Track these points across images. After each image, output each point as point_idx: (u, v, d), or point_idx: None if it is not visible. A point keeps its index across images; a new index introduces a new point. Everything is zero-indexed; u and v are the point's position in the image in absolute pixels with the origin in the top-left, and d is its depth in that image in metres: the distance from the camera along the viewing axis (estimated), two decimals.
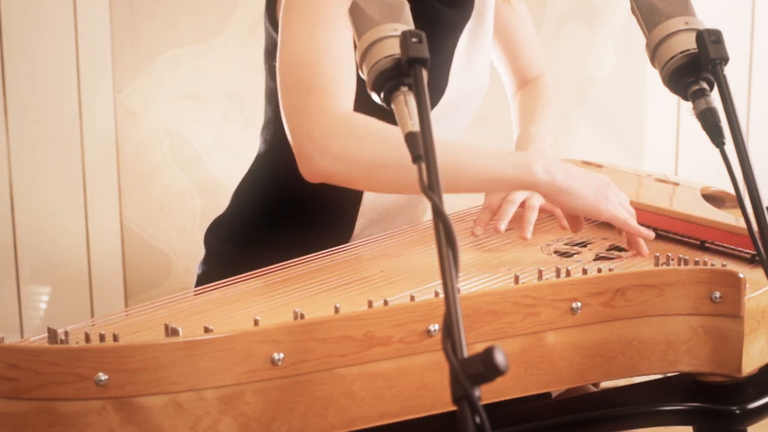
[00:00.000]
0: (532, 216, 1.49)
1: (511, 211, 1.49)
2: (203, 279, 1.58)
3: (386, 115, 1.27)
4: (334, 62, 1.39)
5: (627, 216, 1.42)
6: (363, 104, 1.39)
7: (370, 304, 1.18)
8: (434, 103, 1.55)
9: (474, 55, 1.62)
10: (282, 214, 1.57)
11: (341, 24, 1.40)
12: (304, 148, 1.35)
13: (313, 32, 1.40)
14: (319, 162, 1.34)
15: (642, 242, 1.44)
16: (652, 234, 1.45)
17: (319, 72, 1.38)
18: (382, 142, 1.34)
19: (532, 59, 1.79)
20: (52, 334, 1.11)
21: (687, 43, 1.22)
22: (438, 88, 1.56)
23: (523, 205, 1.51)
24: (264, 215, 1.60)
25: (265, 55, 1.58)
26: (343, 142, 1.34)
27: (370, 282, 1.32)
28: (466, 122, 1.67)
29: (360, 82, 1.36)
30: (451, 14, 1.57)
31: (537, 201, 1.52)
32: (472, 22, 1.61)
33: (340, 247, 1.46)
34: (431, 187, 1.01)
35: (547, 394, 1.42)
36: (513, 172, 1.36)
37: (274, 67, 1.50)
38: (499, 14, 1.71)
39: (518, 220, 1.50)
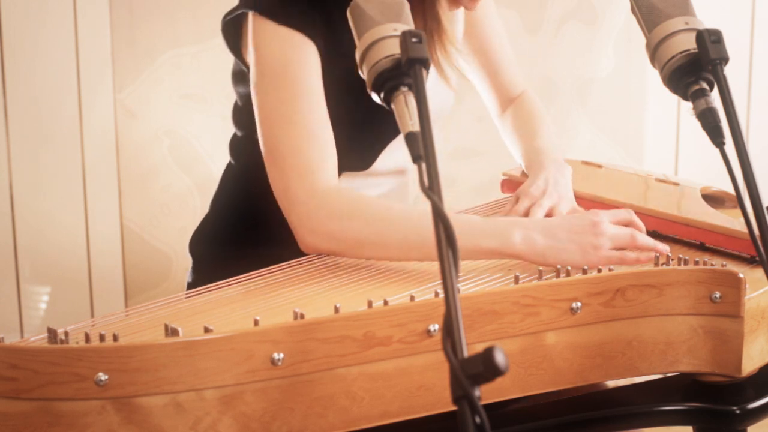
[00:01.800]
0: None
1: (540, 215, 1.47)
2: (193, 287, 1.58)
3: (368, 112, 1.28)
4: (313, 141, 1.42)
5: (620, 255, 1.35)
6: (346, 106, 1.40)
7: (370, 304, 1.18)
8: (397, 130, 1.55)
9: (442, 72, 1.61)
10: (260, 214, 1.57)
11: (314, 92, 1.42)
12: (297, 230, 1.41)
13: (287, 108, 1.42)
14: (311, 242, 1.40)
15: (657, 245, 1.37)
16: (651, 255, 1.37)
17: (298, 151, 1.41)
18: (363, 221, 1.38)
19: (513, 76, 1.78)
20: (52, 334, 1.11)
21: (687, 43, 1.22)
22: None
23: (550, 213, 1.49)
24: (244, 215, 1.63)
25: (232, 78, 1.60)
26: (327, 222, 1.38)
27: (370, 282, 1.32)
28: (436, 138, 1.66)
29: (351, 83, 1.37)
30: None
31: (564, 208, 1.50)
32: None
33: None
34: (431, 187, 1.01)
35: (547, 394, 1.42)
36: (494, 243, 1.34)
37: (241, 90, 1.56)
38: (475, 32, 1.70)
39: None
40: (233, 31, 1.51)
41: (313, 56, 1.44)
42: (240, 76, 1.56)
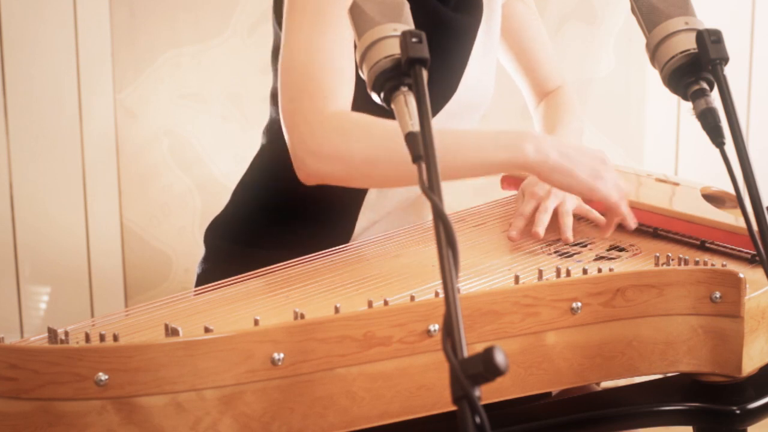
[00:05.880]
0: (568, 220, 1.49)
1: (546, 219, 1.48)
2: (203, 278, 1.58)
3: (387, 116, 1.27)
4: (330, 67, 1.38)
5: (618, 198, 1.39)
6: (364, 105, 1.39)
7: (370, 304, 1.18)
8: (437, 110, 1.54)
9: (485, 63, 1.62)
10: (282, 212, 1.57)
11: (343, 29, 1.39)
12: (297, 152, 1.36)
13: (313, 36, 1.40)
14: (312, 164, 1.35)
15: (611, 225, 1.42)
16: (633, 224, 1.42)
17: (313, 76, 1.38)
18: (372, 138, 1.34)
19: (550, 70, 1.77)
20: (52, 334, 1.11)
21: (687, 43, 1.22)
22: (444, 95, 1.55)
23: (556, 211, 1.50)
24: (264, 213, 1.59)
25: (272, 56, 1.58)
26: (333, 142, 1.34)
27: (370, 282, 1.32)
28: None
29: (361, 82, 1.36)
30: (459, 19, 1.55)
31: (570, 205, 1.51)
32: (483, 29, 1.60)
33: (340, 247, 1.46)
34: (431, 188, 1.01)
35: (547, 394, 1.42)
36: (505, 155, 1.34)
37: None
38: (514, 23, 1.70)
39: (551, 225, 1.49)
40: None
41: None
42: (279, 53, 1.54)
